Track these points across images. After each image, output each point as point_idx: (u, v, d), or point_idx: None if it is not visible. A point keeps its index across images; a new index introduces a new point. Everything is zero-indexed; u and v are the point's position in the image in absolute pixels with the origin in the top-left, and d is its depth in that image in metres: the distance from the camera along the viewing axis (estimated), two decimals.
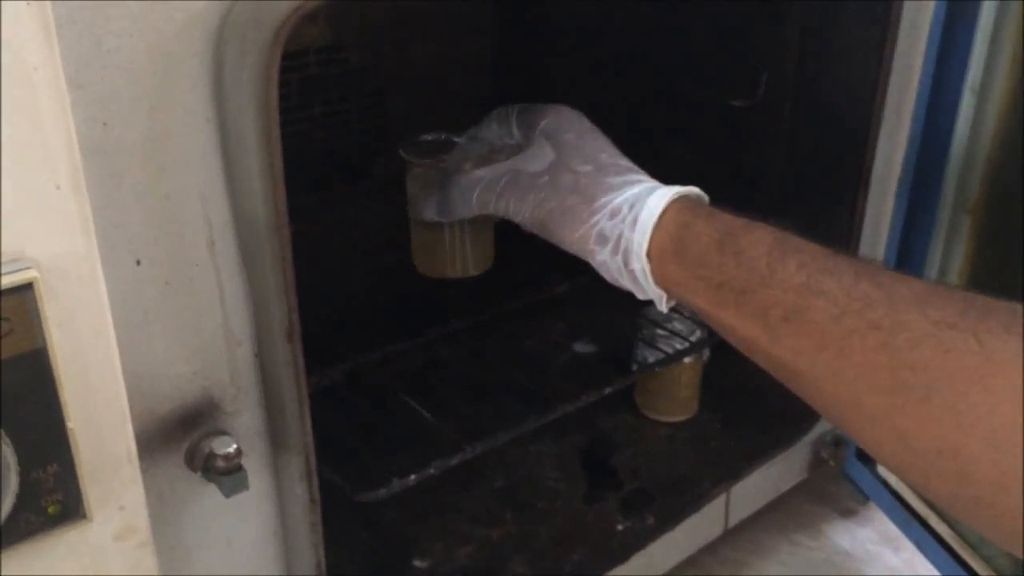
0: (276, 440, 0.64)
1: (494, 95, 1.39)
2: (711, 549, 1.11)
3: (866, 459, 1.14)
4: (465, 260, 0.84)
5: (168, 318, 0.56)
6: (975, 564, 0.99)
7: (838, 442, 1.18)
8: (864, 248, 1.04)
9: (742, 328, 0.56)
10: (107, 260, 0.51)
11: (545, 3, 1.30)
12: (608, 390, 0.87)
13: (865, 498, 1.16)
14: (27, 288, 0.46)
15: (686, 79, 1.12)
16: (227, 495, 0.58)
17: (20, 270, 0.45)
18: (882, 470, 1.12)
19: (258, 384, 0.62)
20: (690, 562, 1.08)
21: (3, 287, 0.45)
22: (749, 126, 1.07)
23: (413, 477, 0.74)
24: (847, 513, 1.22)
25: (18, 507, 0.48)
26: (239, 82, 0.52)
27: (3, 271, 0.45)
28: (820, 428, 1.16)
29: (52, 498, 0.50)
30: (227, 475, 0.57)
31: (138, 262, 0.54)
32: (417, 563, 0.90)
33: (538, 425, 0.82)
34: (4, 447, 0.47)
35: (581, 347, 1.20)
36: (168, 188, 0.54)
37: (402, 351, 0.92)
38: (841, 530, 1.19)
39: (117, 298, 0.52)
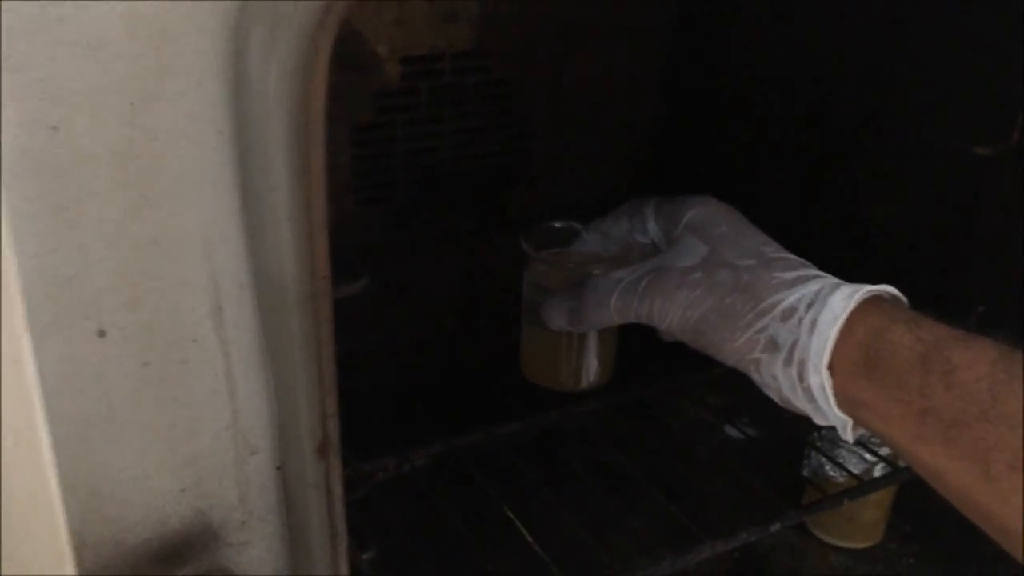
0: None
1: (660, 125, 1.18)
2: None
3: None
4: (586, 372, 0.73)
5: (147, 414, 0.39)
6: None
7: None
8: None
9: (952, 473, 0.46)
10: (51, 329, 0.34)
11: (735, 20, 1.08)
12: (775, 527, 0.64)
13: None
14: None
15: (907, 117, 0.88)
16: None
17: None
18: None
19: (280, 507, 0.44)
20: None
21: None
22: (991, 181, 0.82)
23: None
24: None
25: None
26: (265, 80, 0.35)
27: None
28: None
29: None
30: None
31: (102, 333, 0.36)
32: None
33: (676, 569, 0.61)
34: None
35: (734, 431, 0.98)
36: (154, 229, 0.36)
37: (511, 434, 0.73)
38: None
39: (66, 384, 0.36)
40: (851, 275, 0.60)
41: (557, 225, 0.76)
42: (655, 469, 0.78)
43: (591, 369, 0.76)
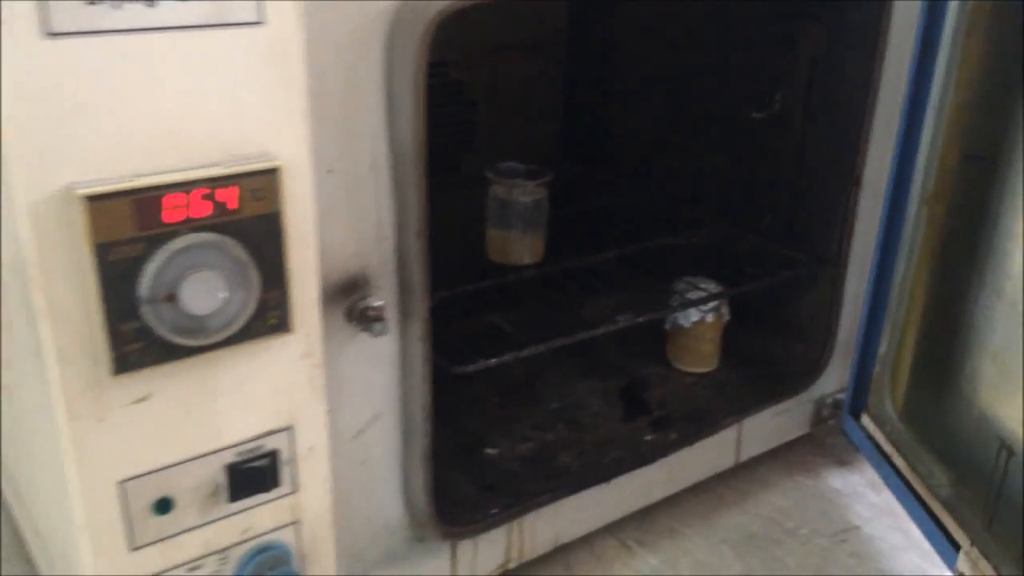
0: (404, 310, 0.92)
1: (563, 111, 1.68)
2: (722, 479, 1.35)
3: (856, 415, 1.37)
4: (525, 252, 1.26)
5: (343, 213, 0.85)
6: (932, 504, 1.21)
7: (838, 404, 1.42)
8: (859, 236, 1.29)
9: None
10: (312, 167, 0.80)
11: (608, 40, 1.59)
12: (642, 319, 1.13)
13: (856, 448, 1.39)
14: (273, 172, 0.74)
15: (719, 96, 1.40)
16: (374, 336, 0.86)
17: (270, 160, 0.74)
18: (868, 424, 1.35)
19: (395, 269, 0.90)
20: (703, 487, 1.33)
21: (259, 169, 0.74)
22: (767, 136, 1.34)
23: (494, 360, 1.01)
24: (842, 463, 1.45)
25: (254, 316, 0.77)
26: (403, 61, 0.81)
27: (259, 161, 0.74)
28: (822, 390, 1.40)
29: (274, 314, 0.78)
30: (376, 322, 0.85)
31: (329, 171, 0.82)
32: (488, 451, 1.17)
33: (587, 336, 1.09)
34: (252, 272, 0.75)
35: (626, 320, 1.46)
36: (352, 127, 0.82)
37: (487, 288, 1.19)
38: (835, 474, 1.42)
39: (315, 193, 0.81)
40: (695, 206, 1.06)
41: (507, 164, 1.26)
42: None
43: (527, 251, 1.25)
